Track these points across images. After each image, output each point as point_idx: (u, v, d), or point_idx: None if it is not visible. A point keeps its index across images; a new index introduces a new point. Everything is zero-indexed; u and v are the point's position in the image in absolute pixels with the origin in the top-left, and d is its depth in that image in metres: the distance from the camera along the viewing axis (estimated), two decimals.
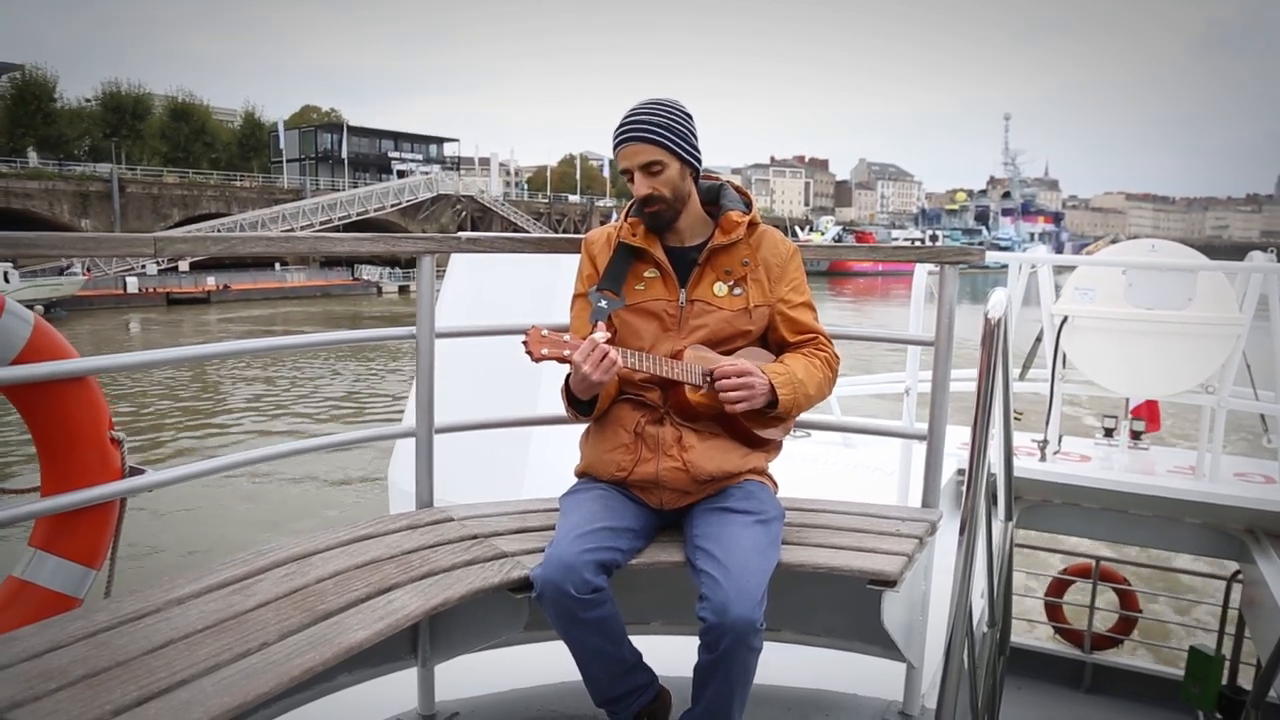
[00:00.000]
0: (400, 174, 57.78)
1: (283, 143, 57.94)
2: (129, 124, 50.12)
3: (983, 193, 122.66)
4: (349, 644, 1.51)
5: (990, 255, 3.41)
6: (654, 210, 1.98)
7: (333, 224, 46.55)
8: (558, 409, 2.05)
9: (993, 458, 2.15)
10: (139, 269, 38.68)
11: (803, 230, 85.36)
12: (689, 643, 1.77)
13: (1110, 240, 64.38)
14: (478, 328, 2.50)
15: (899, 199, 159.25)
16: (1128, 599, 5.99)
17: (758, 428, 2.00)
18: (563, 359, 1.82)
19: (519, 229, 50.94)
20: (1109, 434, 4.96)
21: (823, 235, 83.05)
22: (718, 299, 2.00)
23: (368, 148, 60.49)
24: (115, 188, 43.46)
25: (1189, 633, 5.87)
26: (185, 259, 38.53)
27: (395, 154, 61.54)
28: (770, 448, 2.07)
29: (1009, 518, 2.58)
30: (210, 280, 41.15)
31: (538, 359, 1.80)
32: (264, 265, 45.89)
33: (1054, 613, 6.01)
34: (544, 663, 2.14)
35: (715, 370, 1.91)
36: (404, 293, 44.86)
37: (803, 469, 4.21)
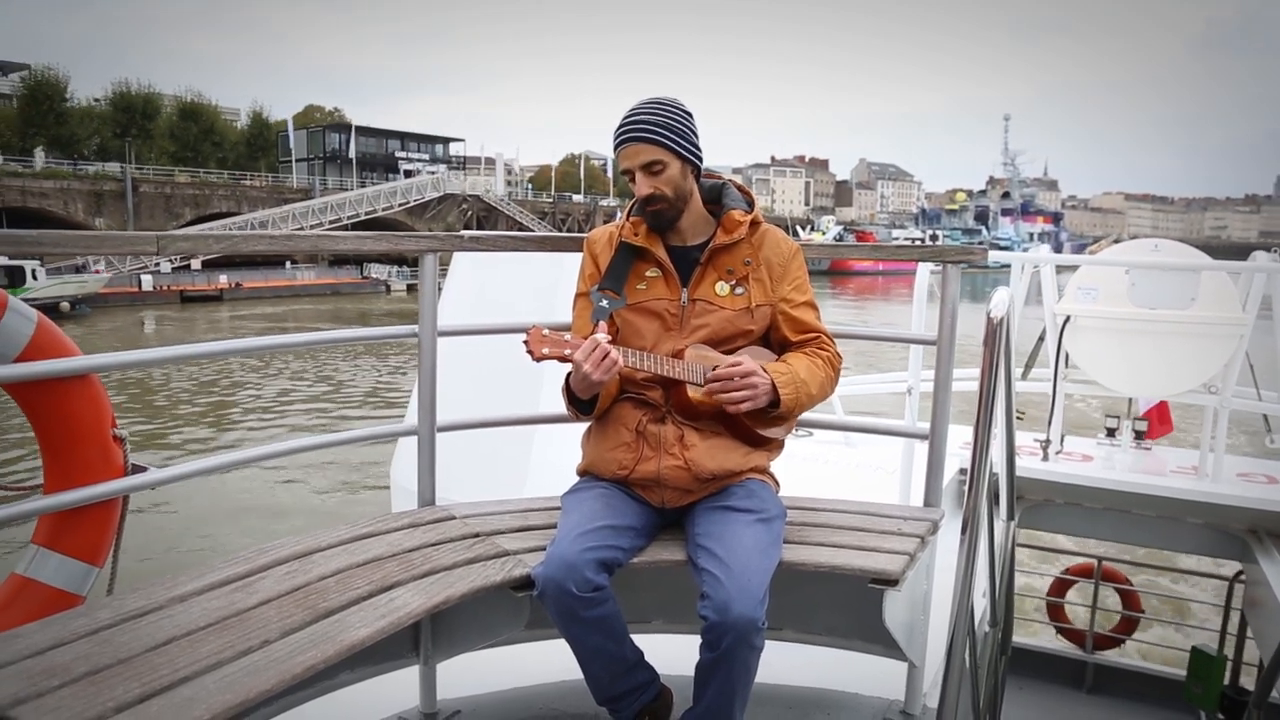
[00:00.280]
0: (407, 174, 57.97)
1: (292, 142, 58.20)
2: (139, 124, 50.45)
3: (982, 193, 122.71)
4: (351, 642, 1.51)
5: (993, 255, 3.41)
6: (656, 210, 1.98)
7: (341, 223, 46.84)
8: (560, 408, 2.05)
9: (995, 457, 2.15)
10: (153, 267, 39.19)
11: (804, 230, 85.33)
12: (690, 641, 1.77)
13: (1113, 240, 64.34)
14: (480, 326, 2.50)
15: (899, 199, 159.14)
16: (1130, 599, 5.98)
17: (760, 427, 2.00)
18: (563, 358, 1.82)
19: (524, 228, 51.11)
20: (1111, 434, 4.96)
21: (824, 235, 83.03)
22: (719, 298, 2.00)
23: (375, 147, 60.72)
24: (129, 187, 43.95)
25: (1191, 633, 5.86)
26: (195, 257, 39.17)
27: (402, 154, 61.78)
28: (772, 446, 2.07)
29: (1011, 517, 2.58)
30: (222, 278, 41.67)
31: (539, 358, 1.80)
32: (275, 263, 46.33)
33: (1056, 612, 6.00)
34: (546, 661, 2.14)
35: (718, 369, 1.91)
36: (412, 291, 45.12)
37: (804, 468, 4.21)
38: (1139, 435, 4.85)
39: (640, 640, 1.91)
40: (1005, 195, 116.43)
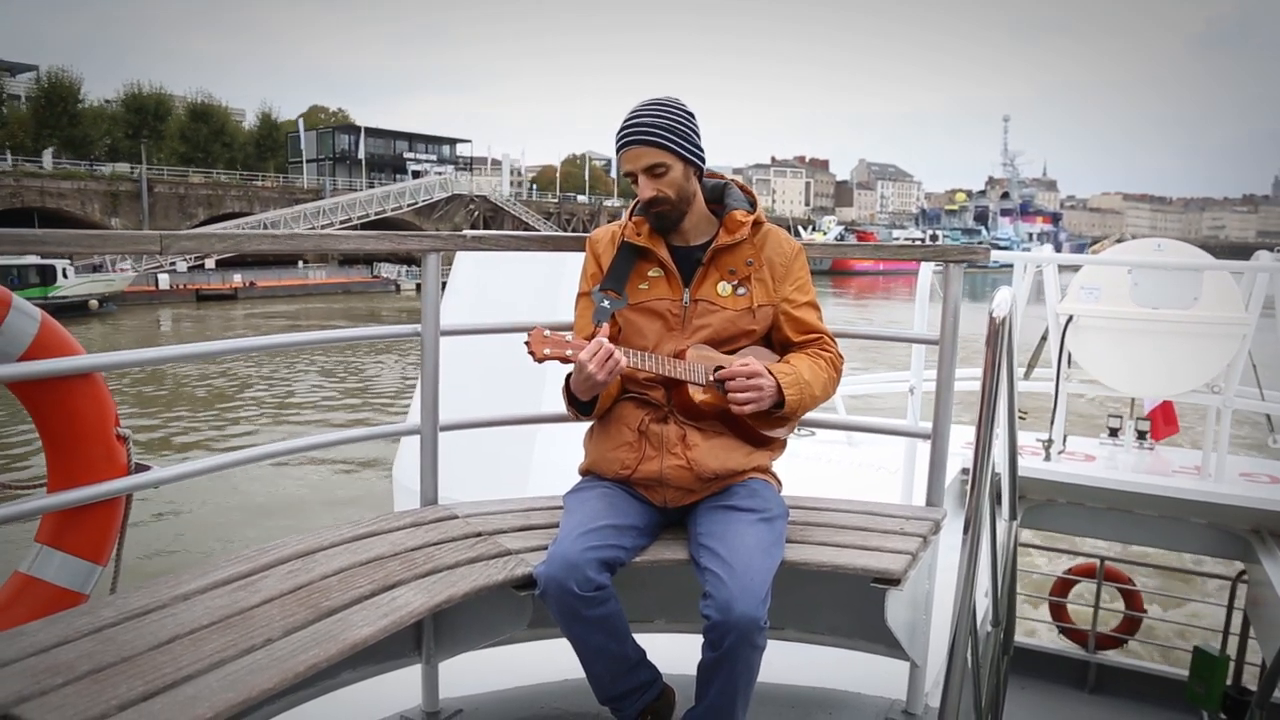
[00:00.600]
0: (415, 174, 58.32)
1: (303, 143, 58.53)
2: (150, 125, 50.84)
3: (982, 193, 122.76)
4: (353, 640, 1.52)
5: (996, 254, 3.40)
6: (659, 211, 1.98)
7: (352, 223, 47.15)
8: (562, 407, 2.05)
9: (997, 457, 2.15)
10: (169, 266, 39.63)
11: (805, 230, 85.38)
12: (693, 641, 1.77)
13: (1116, 239, 64.27)
14: (483, 325, 2.50)
15: (899, 199, 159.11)
16: (1132, 599, 5.97)
17: (762, 427, 2.00)
18: (565, 359, 1.82)
19: (530, 228, 51.27)
20: (1114, 434, 4.95)
21: (825, 235, 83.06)
22: (722, 299, 2.00)
23: (383, 148, 61.07)
24: (144, 187, 44.33)
25: (1193, 633, 5.85)
26: (209, 256, 39.39)
27: (410, 154, 62.15)
28: (774, 446, 2.07)
29: (1013, 517, 2.58)
30: (237, 277, 42.04)
31: (540, 359, 1.80)
32: (288, 263, 46.62)
33: (1058, 612, 6.00)
34: (548, 660, 2.14)
35: (724, 371, 1.91)
36: (421, 290, 45.52)
37: (807, 467, 4.21)
38: (1142, 435, 4.84)
39: (642, 639, 1.91)
40: (1005, 196, 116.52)
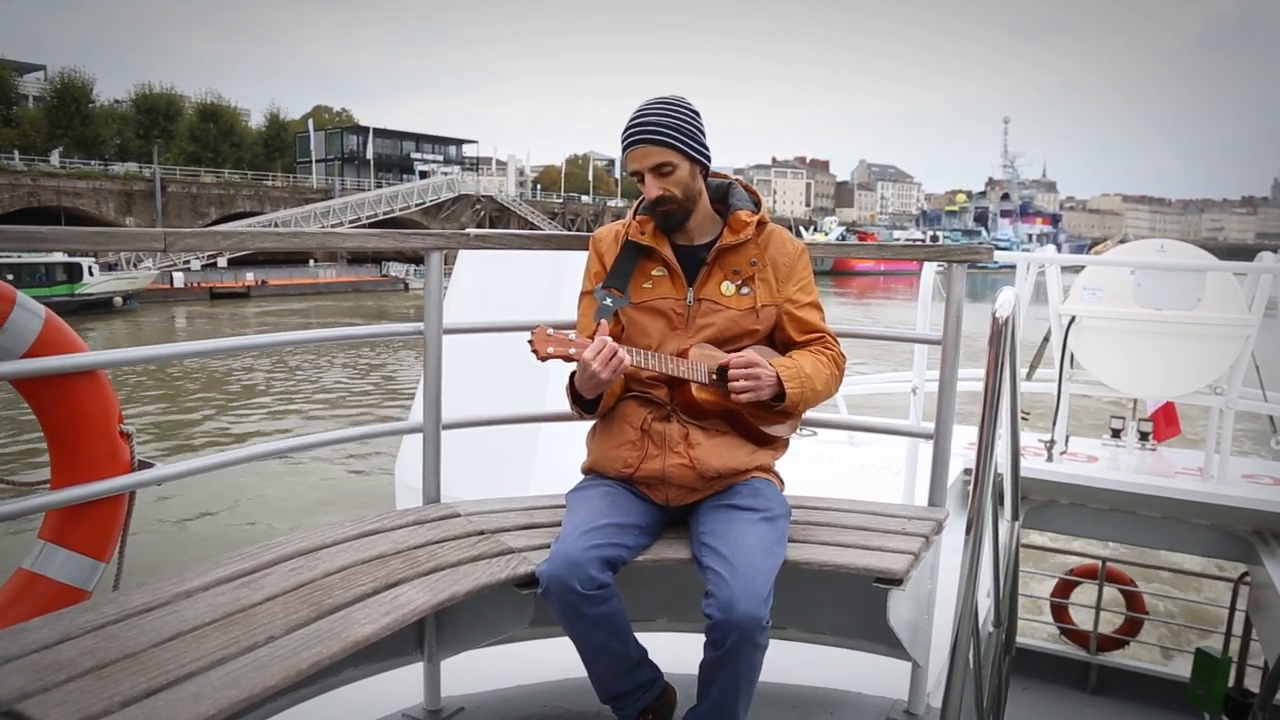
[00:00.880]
0: (422, 174, 58.61)
1: (312, 143, 58.88)
2: (161, 125, 51.11)
3: (982, 194, 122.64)
4: (355, 638, 1.52)
5: (999, 255, 3.40)
6: (665, 210, 1.98)
7: (361, 222, 47.37)
8: (565, 406, 2.05)
9: (999, 457, 2.15)
10: (183, 265, 39.96)
11: (807, 230, 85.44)
12: (695, 640, 1.77)
13: (1119, 240, 64.24)
14: (486, 324, 2.50)
15: (899, 200, 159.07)
16: (1134, 600, 5.96)
17: (765, 424, 2.00)
18: (568, 358, 1.82)
19: (535, 228, 51.40)
20: (1116, 435, 4.94)
21: (827, 236, 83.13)
22: (725, 298, 2.00)
23: (390, 149, 61.42)
24: (158, 187, 44.64)
25: (1196, 634, 5.85)
26: (220, 255, 39.60)
27: (417, 155, 62.53)
28: (777, 445, 2.07)
29: (1015, 517, 2.57)
30: (249, 275, 42.33)
31: (543, 358, 1.80)
32: (299, 261, 46.88)
33: (1060, 613, 5.99)
34: (550, 659, 2.14)
35: (723, 363, 1.91)
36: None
37: (809, 467, 4.21)
38: (1144, 436, 4.84)
39: (644, 638, 1.91)
40: (1004, 197, 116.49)
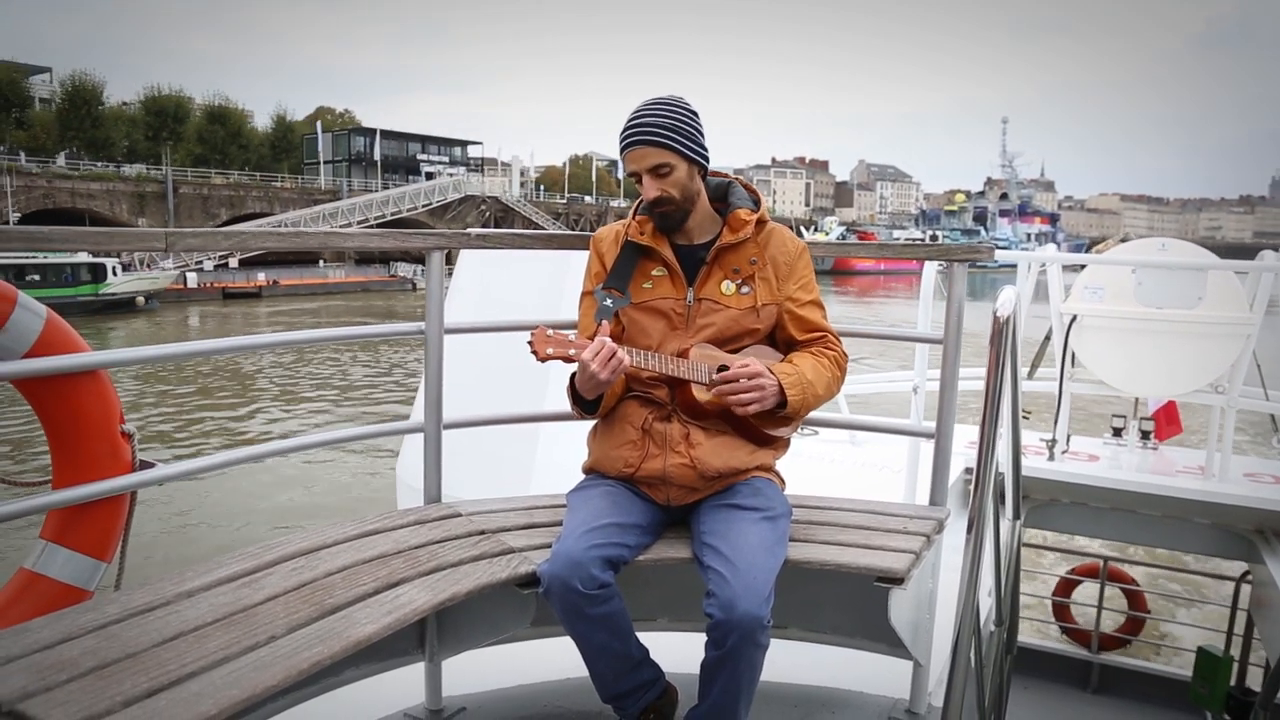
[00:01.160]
0: (428, 175, 58.83)
1: (320, 145, 59.09)
2: (170, 127, 51.32)
3: (980, 194, 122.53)
4: (357, 638, 1.52)
5: (1000, 254, 3.40)
6: (664, 211, 1.98)
7: (369, 223, 47.56)
8: (565, 406, 2.05)
9: (1001, 456, 2.15)
10: (195, 265, 40.27)
11: (808, 230, 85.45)
12: (696, 639, 1.77)
13: (1119, 239, 64.20)
14: (487, 324, 2.51)
15: (898, 200, 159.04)
16: (1136, 599, 5.97)
17: (766, 426, 2.00)
18: (568, 359, 1.82)
19: (539, 229, 51.49)
20: (1118, 433, 4.94)
21: (827, 235, 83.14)
22: (725, 298, 2.00)
23: (397, 150, 61.68)
24: (169, 188, 44.94)
25: (1197, 633, 5.84)
26: (232, 255, 39.91)
27: (423, 156, 62.75)
28: (778, 445, 2.07)
29: (1017, 516, 2.57)
30: (260, 275, 42.58)
31: (543, 359, 1.80)
32: (308, 262, 47.18)
33: (1061, 612, 5.99)
34: (551, 659, 2.14)
35: (724, 374, 1.90)
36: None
37: (810, 466, 4.21)
38: (1145, 435, 4.84)
39: (645, 638, 1.91)
40: (1003, 196, 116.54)
